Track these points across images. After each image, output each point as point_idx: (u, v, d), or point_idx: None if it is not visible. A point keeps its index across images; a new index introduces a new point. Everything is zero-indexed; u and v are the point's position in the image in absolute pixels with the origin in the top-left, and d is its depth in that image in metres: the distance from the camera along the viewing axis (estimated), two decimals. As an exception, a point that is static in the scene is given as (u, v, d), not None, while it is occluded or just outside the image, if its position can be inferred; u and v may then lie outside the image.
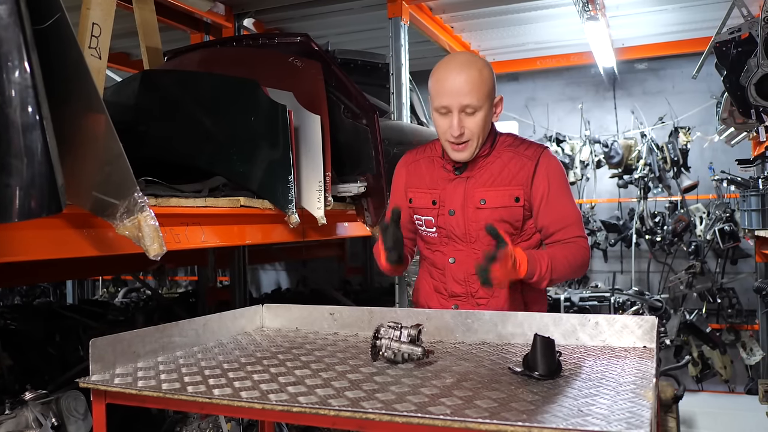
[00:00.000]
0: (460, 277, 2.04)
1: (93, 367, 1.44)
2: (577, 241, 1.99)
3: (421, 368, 1.45)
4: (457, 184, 2.04)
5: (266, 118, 2.34)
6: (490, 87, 1.96)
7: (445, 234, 2.04)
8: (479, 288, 1.99)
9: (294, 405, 1.19)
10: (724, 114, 3.76)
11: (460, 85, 1.90)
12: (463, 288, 2.04)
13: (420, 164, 2.14)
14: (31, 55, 1.18)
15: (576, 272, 2.00)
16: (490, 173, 2.01)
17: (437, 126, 2.00)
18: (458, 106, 1.92)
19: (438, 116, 1.98)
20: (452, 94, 1.91)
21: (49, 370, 3.10)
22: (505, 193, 1.98)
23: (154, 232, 1.60)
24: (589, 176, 6.14)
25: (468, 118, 1.93)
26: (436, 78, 1.97)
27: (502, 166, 2.01)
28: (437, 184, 2.07)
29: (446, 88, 1.92)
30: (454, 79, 1.92)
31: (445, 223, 2.04)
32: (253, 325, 2.02)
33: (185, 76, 2.78)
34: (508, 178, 1.99)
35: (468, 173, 2.03)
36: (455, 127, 1.92)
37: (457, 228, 2.02)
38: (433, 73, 1.99)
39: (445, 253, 2.06)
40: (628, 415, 1.06)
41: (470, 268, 1.97)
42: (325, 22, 4.54)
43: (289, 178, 2.29)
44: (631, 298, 5.20)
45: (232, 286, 4.31)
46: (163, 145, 2.61)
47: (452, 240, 2.04)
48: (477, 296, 2.02)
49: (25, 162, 1.18)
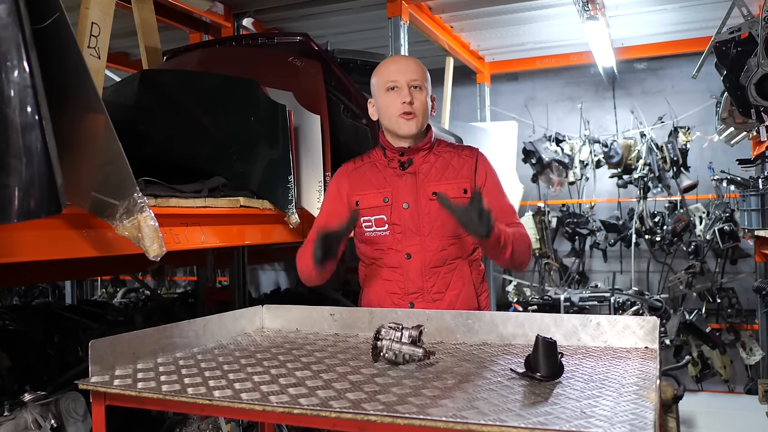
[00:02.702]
0: (416, 272, 2.05)
1: (92, 369, 1.43)
2: (518, 226, 2.09)
3: (422, 369, 1.44)
4: (406, 180, 2.09)
5: (266, 117, 2.34)
6: (428, 79, 2.12)
7: (399, 230, 2.07)
8: (435, 283, 2.05)
9: (295, 407, 1.18)
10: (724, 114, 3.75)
11: (408, 64, 2.09)
12: (419, 283, 2.06)
13: (362, 170, 2.16)
14: (30, 54, 1.18)
15: (525, 252, 2.06)
16: (436, 169, 2.09)
17: (385, 106, 2.08)
18: (407, 80, 2.05)
19: (386, 95, 2.07)
20: (400, 71, 2.06)
21: (47, 371, 3.09)
22: (454, 185, 2.07)
23: (154, 233, 1.59)
24: (589, 176, 6.14)
25: (415, 93, 2.06)
26: (382, 65, 2.14)
27: (445, 164, 2.10)
28: (386, 183, 2.11)
29: (395, 68, 2.09)
30: (401, 60, 2.16)
31: (399, 219, 2.07)
32: (253, 326, 2.01)
33: (184, 76, 2.78)
34: (453, 173, 2.09)
35: (414, 168, 2.09)
36: (406, 95, 2.03)
37: (411, 222, 2.06)
38: (378, 67, 2.15)
39: (399, 250, 2.07)
40: (631, 416, 1.06)
41: (426, 262, 2.05)
42: (324, 21, 4.53)
43: (289, 178, 2.29)
44: (631, 298, 5.19)
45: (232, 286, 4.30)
46: (162, 145, 2.60)
47: (406, 236, 2.06)
48: (432, 291, 2.06)
49: (24, 162, 1.18)
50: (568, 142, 6.05)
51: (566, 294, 5.24)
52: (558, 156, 5.94)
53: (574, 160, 5.98)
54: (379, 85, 2.10)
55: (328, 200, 2.21)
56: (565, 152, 6.00)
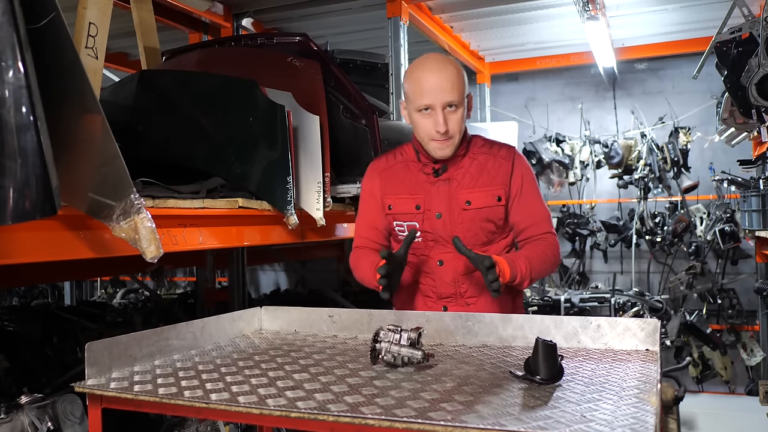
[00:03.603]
0: (449, 279, 2.05)
1: (89, 372, 1.42)
2: (548, 237, 2.05)
3: (421, 372, 1.43)
4: (439, 187, 2.04)
5: (265, 118, 2.33)
6: (466, 84, 2.00)
7: (432, 238, 2.05)
8: (468, 288, 2.04)
9: (292, 410, 1.17)
10: (725, 114, 3.74)
11: (442, 83, 1.92)
12: (452, 289, 2.05)
13: (395, 170, 2.11)
14: (25, 54, 1.17)
15: (550, 268, 2.06)
16: (471, 175, 2.03)
17: (419, 126, 1.99)
18: (441, 104, 1.93)
19: (419, 116, 1.97)
20: (435, 92, 1.92)
21: (46, 372, 3.08)
22: (488, 193, 2.02)
23: (151, 234, 1.58)
24: (589, 176, 6.13)
25: (450, 114, 1.95)
26: (414, 78, 1.97)
27: (480, 168, 2.04)
28: (419, 188, 2.06)
29: (428, 87, 1.93)
30: (435, 77, 1.93)
31: (431, 227, 2.04)
32: (252, 327, 2.00)
33: (183, 76, 2.77)
34: (488, 179, 2.03)
35: (448, 175, 2.04)
36: (440, 124, 1.92)
37: (443, 231, 2.03)
38: (410, 74, 2.00)
39: (432, 256, 2.06)
40: (632, 420, 1.05)
41: (459, 269, 2.03)
42: (324, 21, 4.52)
43: (288, 179, 2.27)
44: (632, 299, 5.18)
45: (231, 286, 4.29)
46: (161, 145, 2.59)
47: (438, 243, 2.04)
48: (466, 296, 2.05)
49: (19, 163, 1.17)
50: (569, 142, 6.04)
51: (566, 295, 5.23)
52: (558, 156, 5.93)
53: (574, 161, 5.97)
54: (411, 99, 1.98)
55: (364, 200, 2.17)
56: (565, 153, 6.00)
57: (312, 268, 6.73)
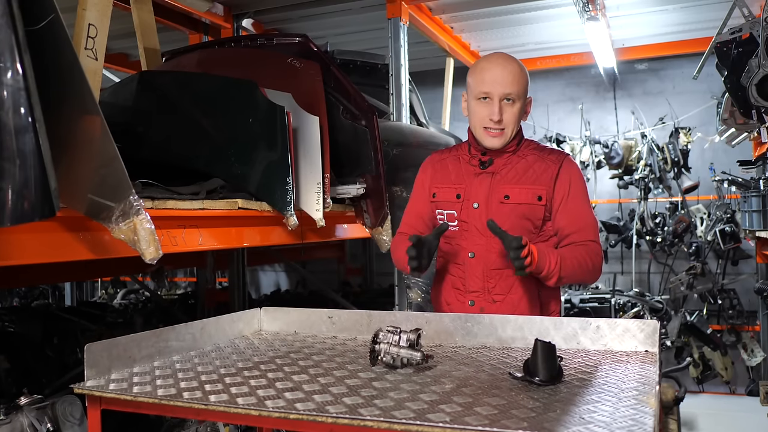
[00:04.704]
0: (479, 272, 2.06)
1: (88, 373, 1.42)
2: (590, 245, 2.02)
3: (420, 373, 1.43)
4: (482, 179, 2.08)
5: (264, 119, 2.32)
6: (527, 85, 2.09)
7: (466, 228, 2.08)
8: (497, 284, 2.04)
9: (291, 412, 1.17)
10: (725, 114, 3.74)
11: (504, 75, 2.02)
12: (481, 283, 2.06)
13: (446, 162, 2.20)
14: (23, 56, 1.17)
15: (586, 275, 2.02)
16: (516, 171, 2.07)
17: (475, 113, 2.06)
18: (500, 94, 2.01)
19: (477, 103, 2.05)
20: (495, 82, 2.01)
21: (46, 373, 3.08)
22: (530, 190, 2.04)
23: (150, 236, 1.58)
24: (590, 177, 6.12)
25: (506, 107, 2.03)
26: (479, 68, 2.07)
27: (527, 166, 2.07)
28: (462, 179, 2.12)
29: (490, 77, 2.02)
30: (498, 69, 2.03)
31: (467, 217, 2.08)
32: (251, 328, 2.00)
33: (183, 77, 2.77)
34: (532, 177, 2.06)
35: (493, 169, 2.09)
36: (495, 113, 2.00)
37: (478, 221, 2.06)
38: (475, 65, 2.10)
39: (465, 247, 2.09)
40: (630, 422, 1.04)
41: (489, 263, 2.04)
42: (324, 22, 4.52)
43: (288, 179, 2.27)
44: (632, 299, 5.18)
45: (231, 287, 4.30)
46: (161, 146, 2.59)
47: (473, 234, 2.07)
48: (494, 292, 2.05)
49: (17, 165, 1.17)
50: (569, 142, 6.04)
51: (567, 295, 5.22)
52: (558, 157, 5.92)
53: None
54: (472, 88, 2.07)
55: (415, 190, 2.26)
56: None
57: (313, 269, 6.73)
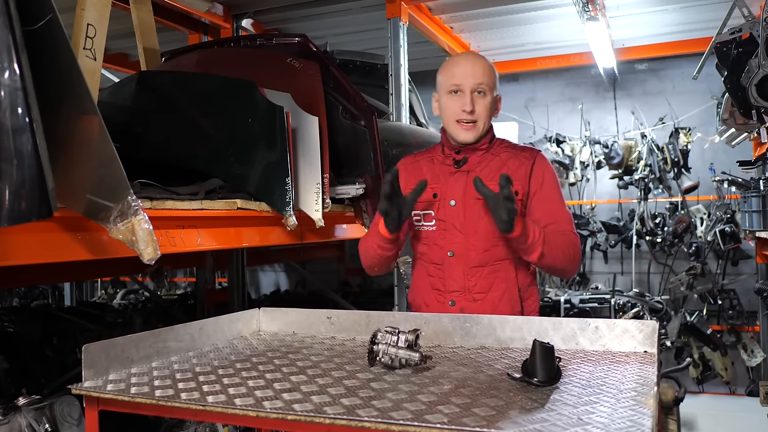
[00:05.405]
0: (459, 270, 2.06)
1: (86, 373, 1.42)
2: (569, 234, 2.04)
3: (418, 374, 1.43)
4: (458, 177, 2.09)
5: (264, 119, 2.32)
6: (496, 80, 2.11)
7: (444, 227, 2.08)
8: (477, 282, 2.04)
9: (288, 413, 1.17)
10: (725, 115, 3.73)
11: (474, 68, 2.06)
12: (462, 282, 2.06)
13: (419, 164, 2.21)
14: (20, 56, 1.16)
15: (567, 263, 2.02)
16: (490, 169, 2.08)
17: (447, 108, 2.08)
18: (471, 86, 2.04)
19: (448, 98, 2.08)
20: (466, 75, 2.04)
21: (45, 373, 3.08)
22: None
23: (148, 236, 1.58)
24: (590, 177, 6.12)
25: (478, 98, 2.05)
26: (449, 64, 2.12)
27: (501, 164, 2.08)
28: (438, 179, 2.12)
29: (460, 71, 2.06)
30: (468, 63, 2.08)
31: (445, 215, 2.08)
32: (250, 329, 2.00)
33: (182, 77, 2.76)
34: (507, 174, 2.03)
35: (468, 167, 2.09)
36: (467, 103, 2.03)
37: (456, 219, 2.06)
38: (445, 63, 2.14)
39: (444, 246, 2.09)
40: (628, 423, 1.04)
41: (469, 261, 2.05)
42: (323, 22, 4.51)
43: (287, 180, 2.27)
44: (632, 299, 5.17)
45: (231, 287, 4.29)
46: (160, 146, 2.59)
47: (451, 233, 2.07)
48: (474, 291, 2.05)
49: (14, 165, 1.16)
50: (569, 143, 6.04)
51: (566, 296, 5.21)
52: (558, 157, 5.92)
53: (574, 161, 5.97)
54: (442, 84, 2.10)
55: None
56: (565, 153, 5.99)
57: (312, 269, 6.73)
